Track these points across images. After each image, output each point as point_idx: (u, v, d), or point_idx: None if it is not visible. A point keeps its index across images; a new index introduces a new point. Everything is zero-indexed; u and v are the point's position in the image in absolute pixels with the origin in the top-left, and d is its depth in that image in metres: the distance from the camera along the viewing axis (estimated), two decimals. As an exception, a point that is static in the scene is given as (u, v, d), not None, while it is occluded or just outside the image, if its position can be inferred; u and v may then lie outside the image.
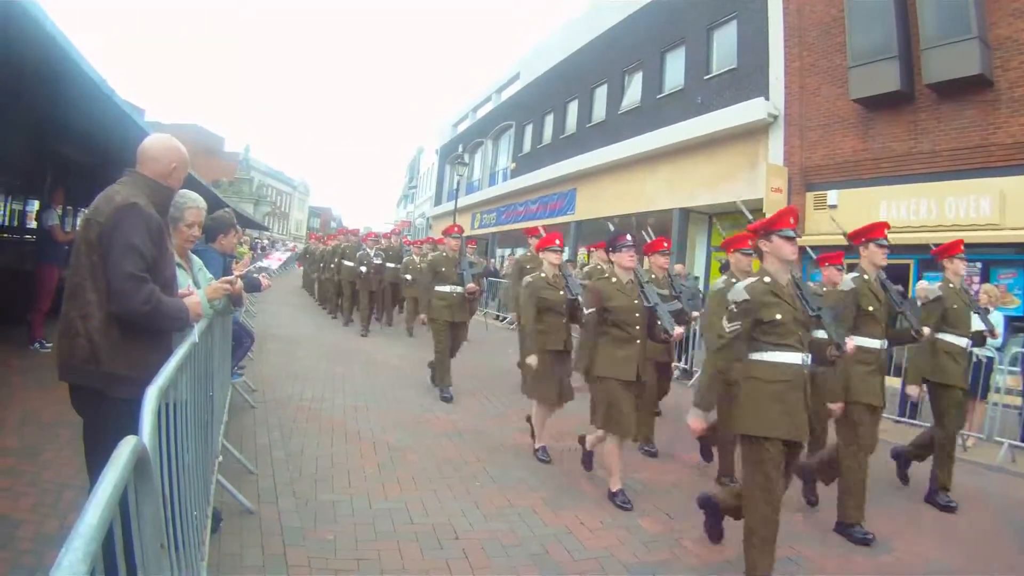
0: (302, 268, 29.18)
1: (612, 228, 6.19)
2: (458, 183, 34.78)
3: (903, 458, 7.11)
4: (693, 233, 20.64)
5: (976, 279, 12.16)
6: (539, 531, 4.93)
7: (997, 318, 9.14)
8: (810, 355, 4.50)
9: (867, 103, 14.57)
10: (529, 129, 32.20)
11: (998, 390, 8.92)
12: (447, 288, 9.54)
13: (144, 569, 1.85)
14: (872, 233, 5.94)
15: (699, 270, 19.75)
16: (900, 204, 13.63)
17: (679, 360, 12.66)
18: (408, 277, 15.01)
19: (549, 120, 30.00)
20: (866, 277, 5.82)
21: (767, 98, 17.06)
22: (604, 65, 25.17)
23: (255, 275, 6.90)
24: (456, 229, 10.53)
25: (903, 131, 13.95)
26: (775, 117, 16.90)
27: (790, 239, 4.41)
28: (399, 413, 8.10)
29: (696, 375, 11.90)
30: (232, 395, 6.92)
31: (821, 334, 5.20)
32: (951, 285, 6.79)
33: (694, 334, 12.65)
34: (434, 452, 6.66)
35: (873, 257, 5.89)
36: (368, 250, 15.70)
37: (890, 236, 5.98)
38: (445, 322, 9.46)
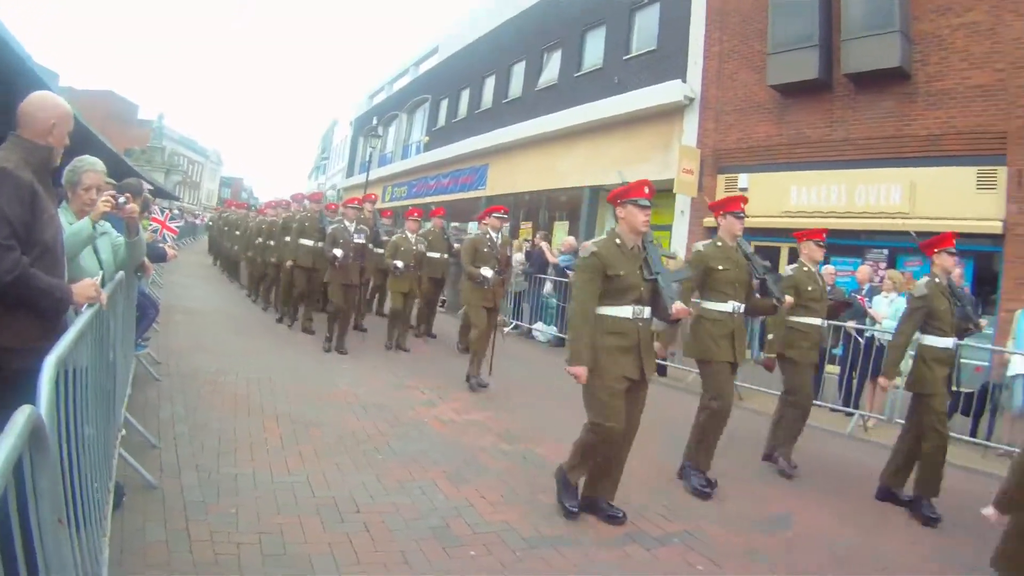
0: (210, 244, 26.60)
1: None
2: (371, 155, 33.48)
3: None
4: (603, 211, 20.15)
5: (883, 265, 12.30)
6: (440, 504, 4.86)
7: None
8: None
9: (784, 90, 14.34)
10: (445, 103, 31.22)
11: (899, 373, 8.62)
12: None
13: (41, 544, 1.79)
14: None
15: None
16: (811, 190, 13.42)
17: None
18: (399, 264, 10.96)
19: (465, 95, 29.07)
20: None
21: (684, 80, 16.67)
22: (523, 42, 24.38)
23: (161, 244, 6.98)
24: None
25: (818, 119, 13.82)
26: (691, 100, 16.54)
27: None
28: (304, 386, 7.82)
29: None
30: (136, 367, 6.64)
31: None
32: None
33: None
34: (337, 425, 6.47)
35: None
36: (346, 223, 10.39)
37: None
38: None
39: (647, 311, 4.86)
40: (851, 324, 9.65)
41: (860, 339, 9.62)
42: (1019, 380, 8.39)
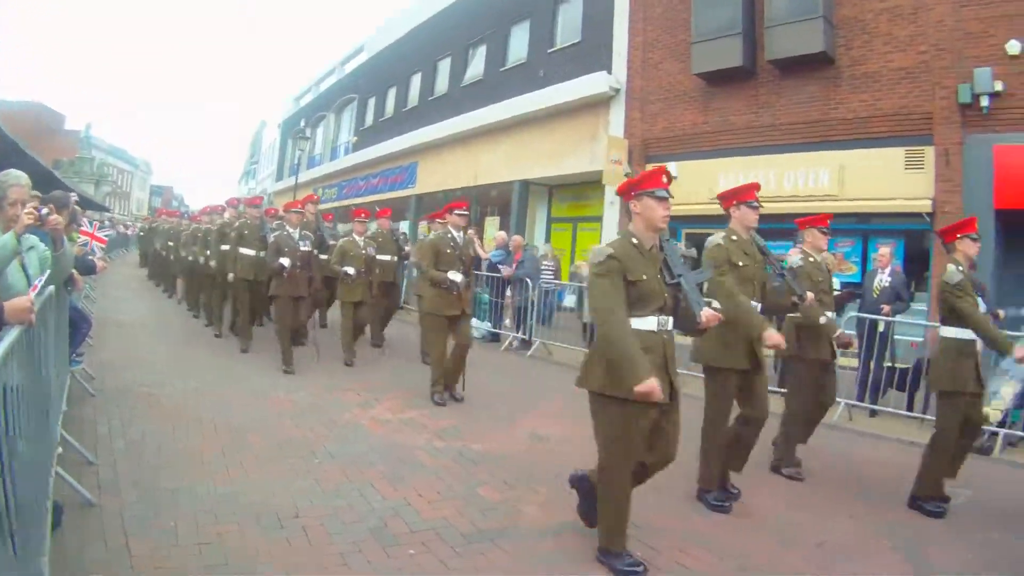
0: (141, 252, 25.18)
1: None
2: (299, 158, 32.73)
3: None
4: (533, 205, 20.10)
5: None
6: (378, 505, 4.79)
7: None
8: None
9: (709, 78, 14.31)
10: (372, 102, 30.47)
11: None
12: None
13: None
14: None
15: (539, 241, 18.91)
16: (739, 175, 13.04)
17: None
18: (350, 270, 9.81)
19: (392, 93, 28.37)
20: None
21: (609, 72, 16.55)
22: (448, 38, 23.89)
23: (90, 257, 6.76)
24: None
25: (744, 105, 13.84)
26: (617, 91, 16.42)
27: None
28: (240, 394, 7.66)
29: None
30: (71, 383, 6.46)
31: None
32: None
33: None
34: (275, 431, 6.35)
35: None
36: (289, 229, 9.43)
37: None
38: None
39: (671, 321, 4.13)
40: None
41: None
42: None
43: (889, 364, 8.90)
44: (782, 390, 7.36)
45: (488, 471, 5.63)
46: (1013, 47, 10.40)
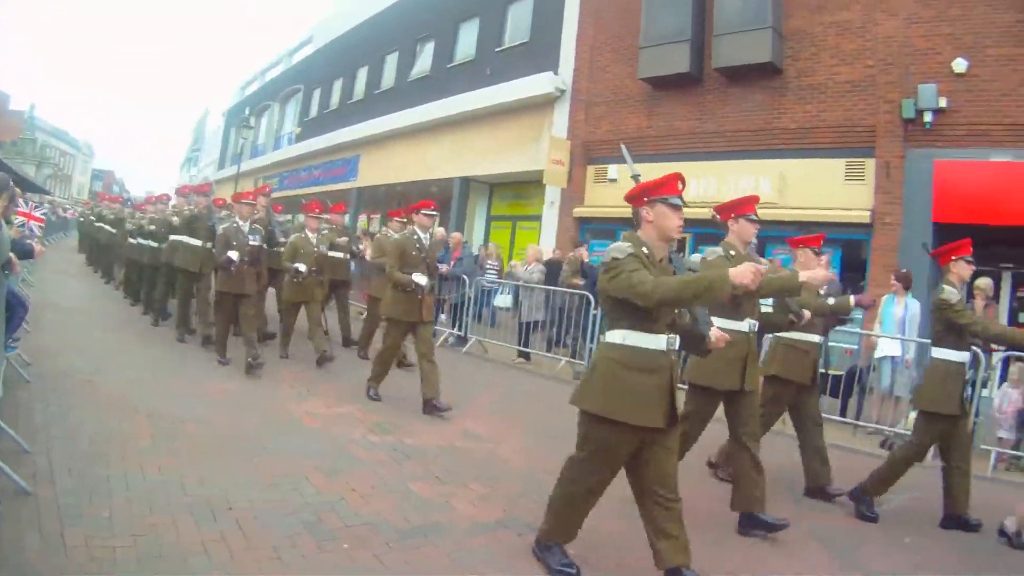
0: (81, 237, 24.09)
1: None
2: (242, 147, 31.88)
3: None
4: (473, 202, 19.87)
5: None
6: (312, 499, 4.70)
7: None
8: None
9: (655, 83, 14.28)
10: (317, 94, 29.88)
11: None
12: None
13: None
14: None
15: (478, 239, 18.83)
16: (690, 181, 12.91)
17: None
18: (300, 267, 8.98)
19: (338, 85, 27.84)
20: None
21: (556, 72, 16.44)
22: (397, 32, 23.47)
23: (28, 240, 6.57)
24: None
25: (689, 111, 13.83)
26: (562, 92, 16.33)
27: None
28: (177, 384, 7.45)
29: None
30: (6, 369, 6.07)
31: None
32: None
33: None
34: (211, 422, 6.16)
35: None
36: (239, 221, 8.69)
37: None
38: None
39: (678, 341, 3.79)
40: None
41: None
42: (886, 361, 8.69)
43: (823, 371, 8.69)
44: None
45: (421, 466, 5.61)
46: (959, 65, 10.55)
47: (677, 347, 3.73)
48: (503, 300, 12.92)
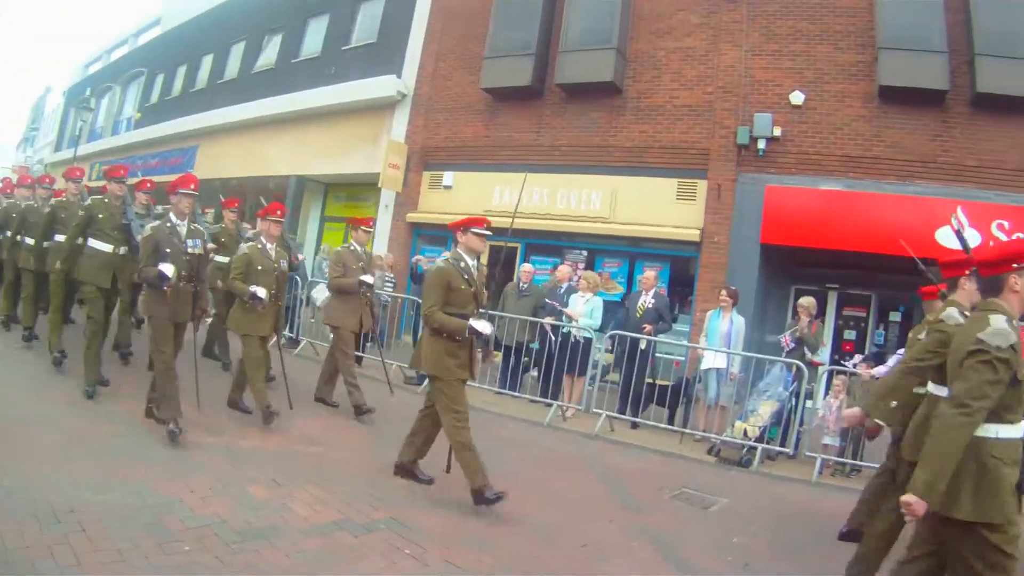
0: None
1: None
2: (81, 129, 29.19)
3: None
4: (308, 201, 18.85)
5: (580, 265, 12.31)
6: (151, 501, 4.54)
7: (597, 303, 9.39)
8: None
9: (496, 93, 13.99)
10: (160, 79, 27.33)
11: (595, 366, 9.34)
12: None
13: None
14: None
15: (311, 239, 18.01)
16: (514, 191, 12.33)
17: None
18: (260, 293, 6.63)
19: (181, 72, 25.55)
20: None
21: (399, 76, 15.81)
22: (246, 22, 21.85)
23: None
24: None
25: (527, 124, 13.59)
26: (404, 96, 15.71)
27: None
28: (16, 386, 6.90)
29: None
30: None
31: None
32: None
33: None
34: (55, 424, 5.77)
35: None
36: (173, 219, 6.32)
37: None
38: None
39: None
40: (548, 320, 9.51)
41: (555, 336, 9.42)
42: (711, 373, 8.82)
43: (650, 380, 9.13)
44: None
45: (257, 469, 5.49)
46: (797, 97, 10.85)
47: None
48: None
